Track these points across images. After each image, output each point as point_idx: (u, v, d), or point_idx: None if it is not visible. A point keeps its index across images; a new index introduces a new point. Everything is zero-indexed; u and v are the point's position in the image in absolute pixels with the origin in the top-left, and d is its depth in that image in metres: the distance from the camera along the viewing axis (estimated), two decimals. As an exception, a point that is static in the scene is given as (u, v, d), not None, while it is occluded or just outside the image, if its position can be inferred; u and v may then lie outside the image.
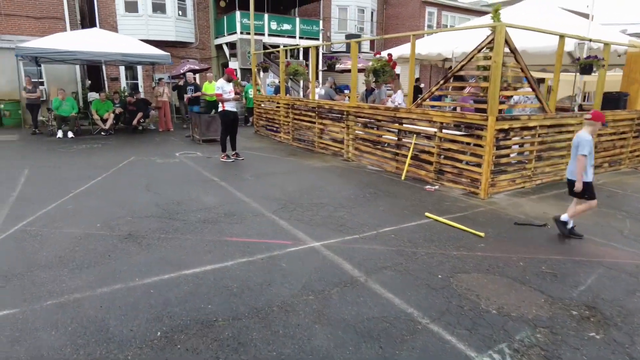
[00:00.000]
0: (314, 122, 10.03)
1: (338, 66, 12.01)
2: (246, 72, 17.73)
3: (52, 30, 14.29)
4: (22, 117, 13.37)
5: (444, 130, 6.82)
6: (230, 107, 8.51)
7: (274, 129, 12.16)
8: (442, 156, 6.90)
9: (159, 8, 16.69)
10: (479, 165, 6.35)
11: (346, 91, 14.12)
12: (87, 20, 16.32)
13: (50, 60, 12.73)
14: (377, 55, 7.76)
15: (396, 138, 7.77)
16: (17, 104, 13.52)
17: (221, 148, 8.73)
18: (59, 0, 15.00)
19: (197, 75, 18.36)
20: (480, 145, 6.28)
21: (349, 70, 16.11)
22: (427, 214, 5.33)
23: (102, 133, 11.98)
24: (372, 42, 23.11)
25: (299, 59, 18.89)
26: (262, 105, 12.76)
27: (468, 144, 6.65)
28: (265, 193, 6.20)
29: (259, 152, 9.82)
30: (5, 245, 4.20)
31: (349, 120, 8.81)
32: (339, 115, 9.21)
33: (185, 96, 12.86)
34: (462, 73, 6.69)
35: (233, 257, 3.94)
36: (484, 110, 6.16)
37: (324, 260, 3.91)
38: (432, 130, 6.96)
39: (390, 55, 7.58)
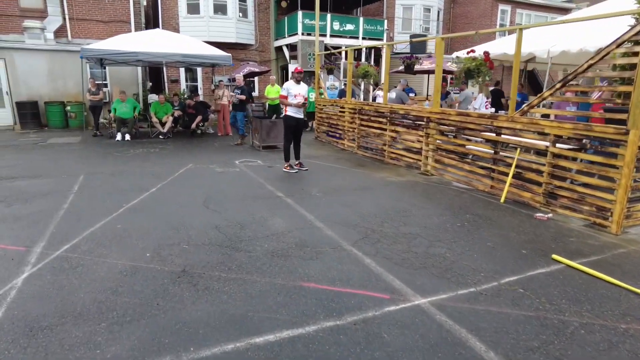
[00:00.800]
0: (385, 129, 8.91)
1: (417, 67, 10.82)
2: (306, 75, 16.92)
3: (118, 34, 14.19)
4: (86, 119, 13.29)
5: (559, 145, 5.48)
6: (293, 112, 7.56)
7: (337, 135, 11.17)
8: (554, 176, 5.56)
9: (220, 9, 16.26)
10: (608, 190, 4.97)
11: (411, 94, 12.86)
12: (151, 23, 16.20)
13: (113, 62, 12.52)
14: (471, 54, 6.52)
15: (492, 151, 6.49)
16: (82, 106, 13.48)
17: (284, 157, 7.82)
18: (125, 4, 14.93)
19: (256, 79, 17.87)
20: (613, 166, 4.89)
21: (423, 72, 14.86)
22: (555, 256, 4.06)
23: (160, 136, 11.53)
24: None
25: (360, 60, 17.82)
26: (325, 109, 11.80)
27: (591, 162, 5.28)
28: (339, 216, 5.18)
29: (322, 162, 8.84)
30: (42, 279, 3.45)
31: (429, 127, 7.61)
32: (417, 122, 8.04)
33: (227, 99, 12.22)
34: (590, 74, 5.32)
35: (315, 317, 2.93)
36: (620, 122, 4.79)
37: (440, 332, 2.80)
38: (544, 144, 5.64)
39: (487, 53, 6.33)
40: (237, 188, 6.47)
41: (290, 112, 7.54)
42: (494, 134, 6.38)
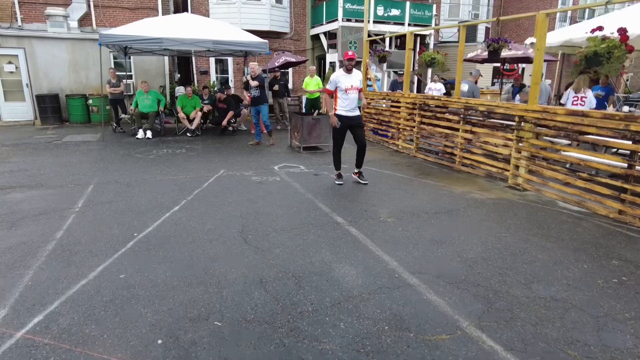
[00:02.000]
0: (457, 130, 7.19)
1: (505, 53, 8.95)
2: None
3: (143, 20, 12.91)
4: (109, 113, 12.08)
5: None
6: (345, 109, 5.90)
7: (388, 133, 9.50)
8: None
9: (253, -6, 14.74)
10: None
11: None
12: (180, 9, 14.84)
13: (138, 51, 11.20)
14: (597, 33, 4.72)
15: (625, 164, 4.72)
16: (105, 100, 12.27)
17: (334, 165, 6.23)
18: (152, -11, 13.61)
19: (290, 70, 16.31)
20: None
21: (516, 59, 12.73)
22: None
23: (188, 134, 10.15)
24: (486, 30, 19.49)
25: (404, 48, 15.97)
26: (373, 104, 10.13)
27: None
28: (434, 261, 3.57)
29: (377, 167, 7.22)
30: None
31: (523, 129, 5.86)
32: (505, 122, 6.30)
33: (246, 94, 10.63)
34: None
35: None
36: None
37: None
38: None
39: (623, 30, 4.53)
40: (281, 208, 4.93)
41: (340, 109, 5.92)
42: (631, 142, 4.61)
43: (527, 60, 11.75)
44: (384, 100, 9.62)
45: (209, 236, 4.03)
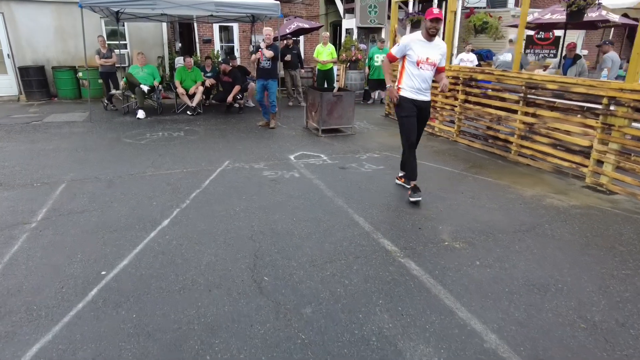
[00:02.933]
0: (515, 111, 5.80)
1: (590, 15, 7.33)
2: (362, 33, 13.67)
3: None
4: (102, 88, 10.69)
5: None
6: (413, 90, 4.11)
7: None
8: None
9: (260, -50, 12.96)
10: None
11: (498, 57, 9.46)
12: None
13: (132, 16, 9.71)
14: None
15: None
16: (97, 72, 10.86)
17: (401, 166, 4.73)
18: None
19: (302, 38, 14.68)
20: None
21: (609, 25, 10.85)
22: None
23: (188, 112, 8.79)
24: (517, -6, 17.53)
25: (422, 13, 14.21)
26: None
27: None
28: (547, 330, 2.32)
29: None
30: None
31: (616, 115, 4.47)
32: (586, 105, 4.90)
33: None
34: None
35: None
36: None
37: None
38: None
39: None
40: (306, 223, 3.66)
41: (406, 88, 4.15)
42: None
43: (591, 26, 10.08)
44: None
45: (206, 279, 2.77)
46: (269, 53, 7.20)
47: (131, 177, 4.84)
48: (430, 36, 3.96)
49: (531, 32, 14.88)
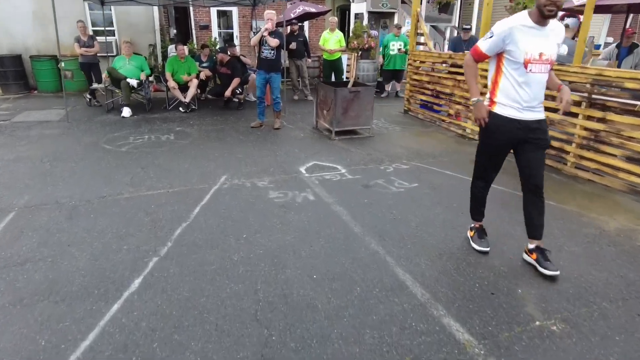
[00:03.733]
0: (574, 115, 4.70)
1: None
2: (372, 19, 12.44)
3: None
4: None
5: None
6: (517, 104, 2.60)
7: (440, 108, 7.01)
8: None
9: None
10: None
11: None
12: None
13: (117, -2, 8.54)
14: None
15: None
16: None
17: (471, 208, 3.26)
18: None
19: (306, 24, 13.43)
20: None
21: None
22: None
23: (180, 109, 7.67)
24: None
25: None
26: (422, 68, 7.52)
27: None
28: None
29: (451, 166, 4.81)
30: None
31: None
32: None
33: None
34: None
35: None
36: None
37: None
38: None
39: None
40: (330, 283, 2.61)
41: (507, 105, 2.64)
42: None
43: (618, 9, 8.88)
44: (444, 65, 7.00)
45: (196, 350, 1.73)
46: (273, 42, 6.06)
47: (102, 202, 3.77)
48: (544, 18, 2.46)
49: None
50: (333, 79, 9.05)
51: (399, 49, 9.14)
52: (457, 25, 13.23)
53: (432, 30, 12.64)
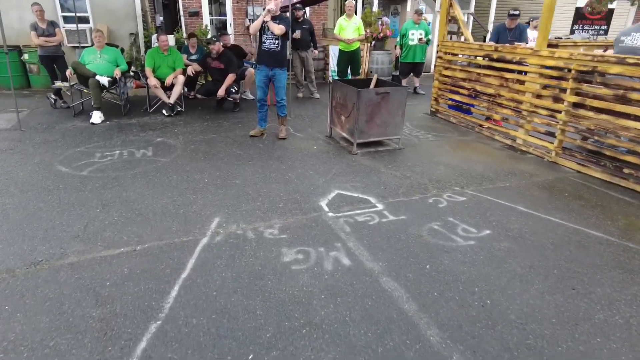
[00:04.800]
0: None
1: None
2: (381, 4, 11.03)
3: None
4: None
5: None
6: None
7: (474, 109, 5.71)
8: None
9: None
10: None
11: (623, 39, 7.15)
12: None
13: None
14: None
15: None
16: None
17: None
18: None
19: (308, 10, 11.95)
20: None
21: None
22: None
23: (164, 112, 6.28)
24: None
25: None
26: (459, 62, 6.18)
27: None
28: None
29: (508, 195, 3.53)
30: None
31: None
32: None
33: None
34: None
35: None
36: None
37: None
38: None
39: None
40: None
41: None
42: None
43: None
44: (481, 59, 5.66)
45: None
46: (278, 29, 4.69)
47: (31, 276, 2.44)
48: None
49: (581, 4, 12.32)
50: (350, 74, 7.67)
51: (420, 39, 7.78)
52: (473, 11, 11.86)
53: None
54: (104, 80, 5.83)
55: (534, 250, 2.85)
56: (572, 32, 12.47)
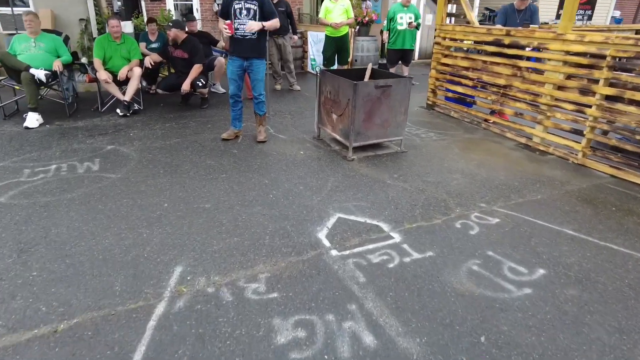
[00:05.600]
0: None
1: None
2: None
3: None
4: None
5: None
6: None
7: (476, 101, 4.98)
8: None
9: None
10: None
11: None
12: None
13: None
14: None
15: None
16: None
17: None
18: None
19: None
20: None
21: None
22: None
23: (118, 111, 5.23)
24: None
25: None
26: (453, 49, 5.40)
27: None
28: None
29: (569, 223, 2.78)
30: None
31: None
32: None
33: (224, 26, 5.45)
34: None
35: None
36: None
37: None
38: None
39: None
40: None
41: None
42: None
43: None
44: (489, 46, 4.89)
45: None
46: (255, 25, 3.78)
47: None
48: None
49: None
50: (336, 63, 6.77)
51: (409, 23, 6.94)
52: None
53: (429, 0, 10.48)
54: (40, 74, 4.73)
55: (612, 301, 2.10)
56: (557, 17, 11.94)
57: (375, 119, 3.93)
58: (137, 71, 5.22)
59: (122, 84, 5.26)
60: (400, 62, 7.53)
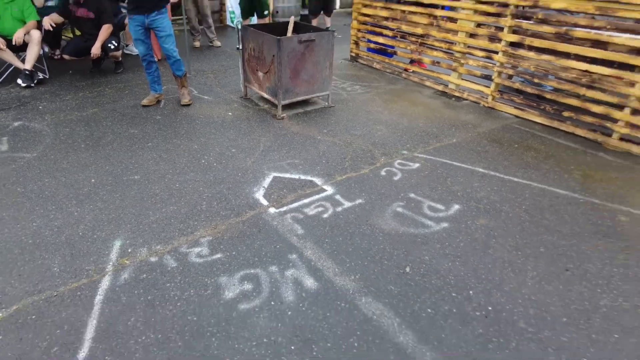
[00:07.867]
0: (632, 67, 3.29)
1: None
2: None
3: None
4: None
5: None
6: None
7: (390, 50, 5.26)
8: None
9: None
10: None
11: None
12: None
13: None
14: None
15: None
16: None
17: None
18: None
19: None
20: None
21: None
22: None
23: (20, 82, 4.76)
24: None
25: None
26: None
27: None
28: None
29: (481, 162, 3.20)
30: None
31: None
32: None
33: None
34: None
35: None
36: None
37: None
38: None
39: None
40: None
41: None
42: None
43: None
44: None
45: None
46: None
47: None
48: None
49: None
50: (255, 16, 6.57)
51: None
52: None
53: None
54: None
55: (512, 225, 2.50)
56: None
57: (301, 75, 4.01)
58: (36, 34, 4.73)
59: (19, 49, 4.76)
60: (322, 12, 7.52)
